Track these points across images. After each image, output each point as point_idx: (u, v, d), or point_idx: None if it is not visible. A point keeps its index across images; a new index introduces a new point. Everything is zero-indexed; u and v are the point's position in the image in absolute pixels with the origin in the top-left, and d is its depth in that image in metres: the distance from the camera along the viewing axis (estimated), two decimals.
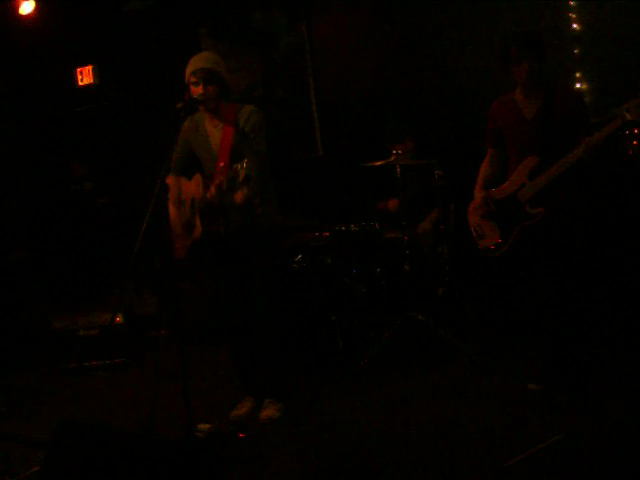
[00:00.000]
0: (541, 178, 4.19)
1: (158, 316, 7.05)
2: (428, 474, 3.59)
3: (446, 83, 6.26)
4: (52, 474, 3.14)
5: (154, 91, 7.52)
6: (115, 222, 7.58)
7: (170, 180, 4.48)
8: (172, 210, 4.50)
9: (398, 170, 5.49)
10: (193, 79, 4.32)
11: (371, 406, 4.61)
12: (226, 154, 4.30)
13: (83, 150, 7.90)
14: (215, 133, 4.45)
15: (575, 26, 5.61)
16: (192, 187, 4.40)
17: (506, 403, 4.32)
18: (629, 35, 5.41)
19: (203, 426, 4.25)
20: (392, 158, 5.50)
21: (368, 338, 5.42)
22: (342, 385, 5.03)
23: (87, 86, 8.09)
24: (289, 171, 6.82)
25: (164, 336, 6.84)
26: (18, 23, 7.34)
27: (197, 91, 4.30)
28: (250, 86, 7.45)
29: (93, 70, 8.04)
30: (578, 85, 5.61)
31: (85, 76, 8.07)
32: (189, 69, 4.35)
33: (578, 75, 5.62)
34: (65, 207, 7.77)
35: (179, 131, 4.40)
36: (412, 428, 4.17)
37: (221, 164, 4.24)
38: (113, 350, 6.18)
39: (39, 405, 5.33)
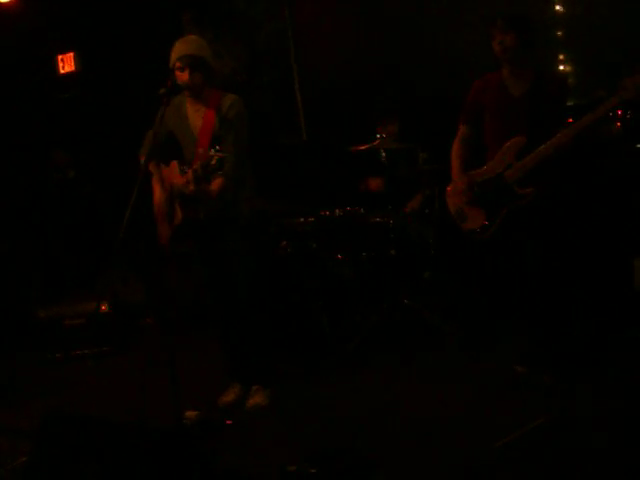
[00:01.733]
0: (530, 158, 4.15)
1: (144, 304, 7.03)
2: (415, 457, 3.61)
3: (430, 65, 6.25)
4: (39, 464, 3.13)
5: (137, 77, 7.46)
6: (99, 210, 7.54)
7: (152, 167, 4.45)
8: (155, 197, 4.47)
9: (383, 154, 5.49)
10: (179, 64, 4.25)
11: (359, 391, 4.63)
12: (206, 140, 4.24)
13: (65, 138, 7.84)
14: (196, 117, 4.39)
15: (558, 8, 5.61)
16: (170, 174, 4.37)
17: (493, 385, 4.35)
18: (612, 17, 5.41)
19: (191, 413, 4.25)
20: (377, 142, 5.50)
21: (355, 323, 5.42)
22: (329, 371, 5.04)
23: (69, 73, 8.02)
24: (273, 156, 6.79)
25: (151, 324, 6.82)
26: None
27: (183, 77, 4.24)
28: (233, 71, 7.41)
29: (74, 57, 7.98)
30: (561, 67, 5.61)
31: (66, 63, 8.01)
32: (175, 54, 4.28)
33: (561, 57, 5.62)
34: (49, 195, 7.72)
35: (162, 117, 4.36)
36: (399, 412, 4.20)
37: (200, 150, 4.18)
38: (99, 339, 6.15)
39: (25, 395, 5.30)
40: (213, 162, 3.77)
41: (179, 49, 4.29)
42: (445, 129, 4.96)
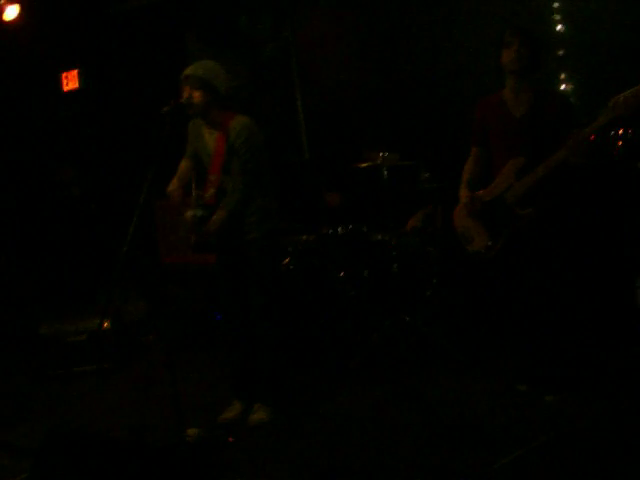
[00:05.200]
0: (529, 178, 4.16)
1: (146, 321, 7.03)
2: (419, 474, 3.60)
3: (430, 85, 6.27)
4: None
5: (140, 95, 7.50)
6: (102, 227, 7.56)
7: (184, 165, 4.58)
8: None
9: (385, 172, 5.51)
10: (182, 84, 4.34)
11: (361, 408, 4.62)
12: (217, 165, 4.35)
13: (69, 155, 7.87)
14: (210, 141, 4.46)
15: (559, 27, 5.63)
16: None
17: (495, 404, 4.34)
18: (613, 36, 5.43)
19: (192, 431, 4.23)
20: (379, 161, 5.51)
21: (356, 341, 5.41)
22: (331, 387, 5.03)
23: (72, 91, 8.07)
24: (276, 174, 6.80)
25: (152, 341, 6.81)
26: (2, 29, 7.32)
27: (183, 95, 4.32)
28: (236, 89, 7.44)
29: (78, 74, 8.02)
30: (562, 86, 5.63)
31: (70, 80, 8.05)
32: (182, 75, 4.37)
33: (562, 76, 5.63)
34: (52, 212, 7.74)
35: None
36: (402, 429, 4.18)
37: (211, 176, 4.29)
38: (101, 356, 6.14)
39: (26, 412, 5.29)
40: (196, 220, 4.01)
41: (186, 70, 4.37)
42: (447, 147, 4.99)
